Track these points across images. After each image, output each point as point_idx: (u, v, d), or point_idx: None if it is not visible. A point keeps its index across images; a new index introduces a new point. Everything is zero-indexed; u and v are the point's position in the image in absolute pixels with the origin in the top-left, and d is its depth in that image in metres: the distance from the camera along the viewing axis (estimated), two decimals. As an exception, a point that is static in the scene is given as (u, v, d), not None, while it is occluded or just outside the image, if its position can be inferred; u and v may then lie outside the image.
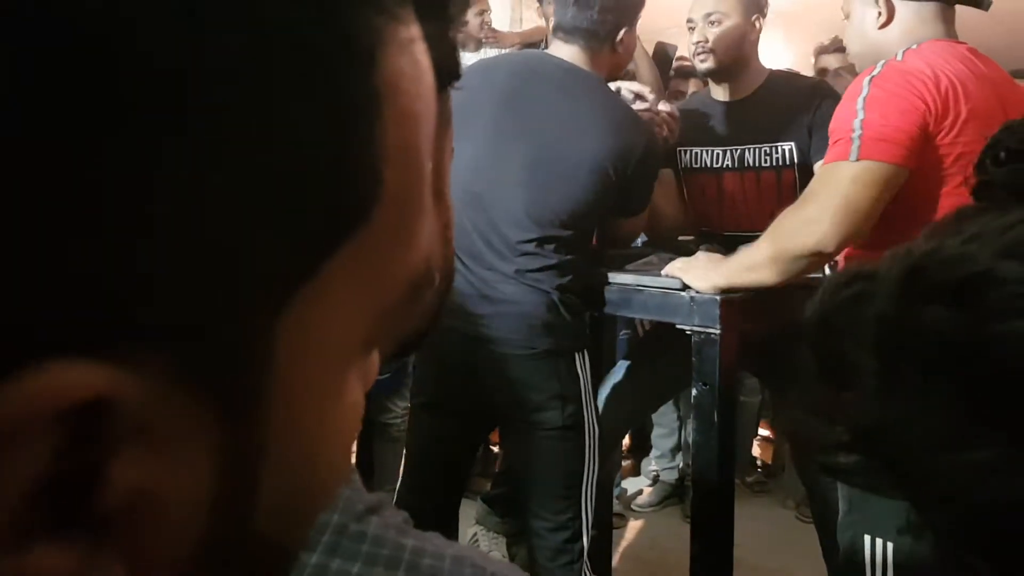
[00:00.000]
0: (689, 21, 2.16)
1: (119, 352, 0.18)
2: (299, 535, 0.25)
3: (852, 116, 1.43)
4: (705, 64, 2.13)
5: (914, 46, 1.49)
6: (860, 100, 1.43)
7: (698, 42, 2.12)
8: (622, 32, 1.80)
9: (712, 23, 2.10)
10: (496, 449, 3.12)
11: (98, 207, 0.17)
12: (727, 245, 1.90)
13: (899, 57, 1.48)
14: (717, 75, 2.16)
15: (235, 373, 0.20)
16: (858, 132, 1.41)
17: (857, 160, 1.40)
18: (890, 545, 1.48)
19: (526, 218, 1.71)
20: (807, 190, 1.50)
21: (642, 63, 2.71)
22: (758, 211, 2.10)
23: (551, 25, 1.81)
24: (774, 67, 2.29)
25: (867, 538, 1.50)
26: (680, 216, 2.29)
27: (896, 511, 1.47)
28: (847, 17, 1.65)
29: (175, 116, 0.17)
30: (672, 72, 3.13)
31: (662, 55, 3.03)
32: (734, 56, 2.11)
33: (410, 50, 0.23)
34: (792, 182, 2.06)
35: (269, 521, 0.23)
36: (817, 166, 1.53)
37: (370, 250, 0.22)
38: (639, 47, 2.67)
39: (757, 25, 2.13)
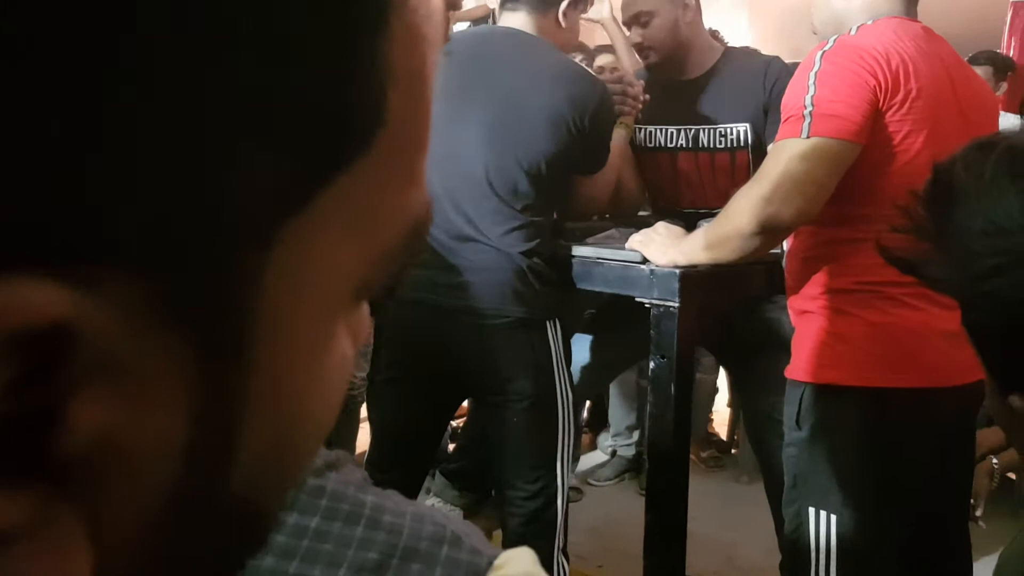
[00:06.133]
0: (625, 24, 2.21)
1: (86, 272, 0.16)
2: (279, 497, 0.23)
3: (804, 92, 1.44)
4: (649, 60, 2.17)
5: (870, 21, 1.51)
6: (811, 75, 1.44)
7: (636, 44, 2.17)
8: (565, 3, 1.81)
9: (643, 24, 2.12)
10: (454, 424, 3.12)
11: (64, 98, 0.15)
12: (686, 221, 1.91)
13: (852, 32, 1.49)
14: (665, 66, 2.17)
15: (216, 309, 0.18)
16: (809, 108, 1.42)
17: (808, 137, 1.41)
18: (833, 517, 1.51)
19: (491, 176, 1.71)
20: (761, 168, 1.51)
21: (622, 52, 2.70)
22: (713, 191, 2.11)
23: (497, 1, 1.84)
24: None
25: (811, 511, 1.54)
26: (641, 191, 2.30)
27: (840, 484, 1.51)
28: None
29: (165, 11, 0.16)
30: None
31: None
32: (673, 44, 2.13)
33: None
34: (746, 163, 2.08)
35: (247, 480, 0.21)
36: (771, 147, 1.55)
37: (369, 184, 0.21)
38: (622, 38, 2.67)
39: (689, 2, 2.13)
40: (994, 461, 2.52)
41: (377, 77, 0.19)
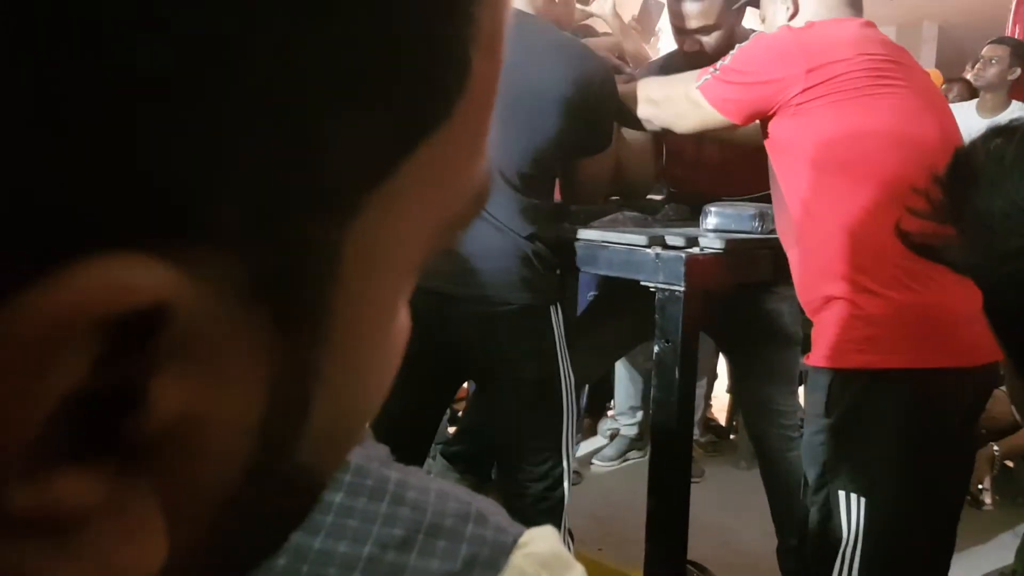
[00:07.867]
0: (678, 30, 2.10)
1: (185, 250, 0.15)
2: (334, 466, 0.23)
3: (728, 56, 1.62)
4: (699, 64, 2.09)
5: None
6: (739, 46, 1.62)
7: (695, 52, 2.07)
8: None
9: (706, 32, 2.06)
10: (454, 407, 3.12)
11: (164, 77, 0.14)
12: (695, 208, 1.91)
13: (798, 24, 1.62)
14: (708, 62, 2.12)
15: (299, 282, 0.18)
16: (716, 70, 1.62)
17: (697, 88, 1.63)
18: (863, 500, 1.50)
19: (493, 157, 1.70)
20: (669, 78, 1.79)
21: (627, 38, 2.67)
22: (732, 175, 2.09)
23: None
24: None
25: (841, 495, 1.52)
26: (650, 176, 2.29)
27: (873, 469, 1.50)
28: (763, 21, 1.79)
29: None
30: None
31: (646, 13, 2.99)
32: (728, 47, 2.08)
33: None
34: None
35: (312, 450, 0.21)
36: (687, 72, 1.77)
37: (446, 151, 0.20)
38: (626, 31, 2.64)
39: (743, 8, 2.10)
40: (995, 448, 2.53)
41: (465, 39, 0.19)
